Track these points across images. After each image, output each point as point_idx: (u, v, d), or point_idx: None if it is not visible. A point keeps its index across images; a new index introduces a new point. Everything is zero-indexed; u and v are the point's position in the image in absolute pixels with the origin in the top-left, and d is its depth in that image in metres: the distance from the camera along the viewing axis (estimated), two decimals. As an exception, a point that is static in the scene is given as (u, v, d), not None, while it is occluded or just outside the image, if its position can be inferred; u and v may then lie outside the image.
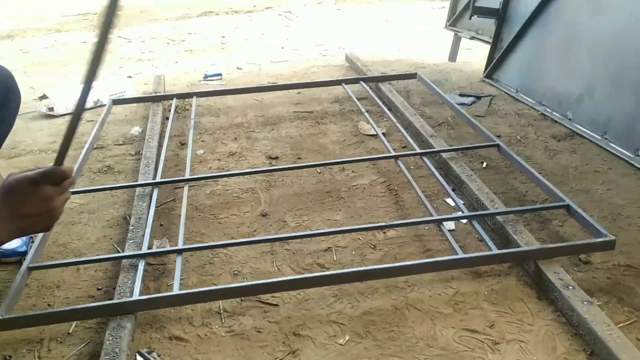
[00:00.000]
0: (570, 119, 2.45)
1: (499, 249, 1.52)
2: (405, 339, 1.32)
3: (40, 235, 1.59)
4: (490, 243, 1.53)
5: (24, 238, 1.66)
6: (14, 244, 1.65)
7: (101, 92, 2.94)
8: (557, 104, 2.56)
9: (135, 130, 2.58)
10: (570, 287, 1.36)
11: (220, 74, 3.41)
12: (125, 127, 2.64)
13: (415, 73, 2.94)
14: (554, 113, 2.56)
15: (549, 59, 2.68)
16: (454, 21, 3.61)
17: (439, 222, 1.67)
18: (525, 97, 2.78)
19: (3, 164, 2.28)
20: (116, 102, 2.72)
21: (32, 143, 2.50)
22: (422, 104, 2.81)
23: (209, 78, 3.38)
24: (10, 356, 1.30)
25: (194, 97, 2.74)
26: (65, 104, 2.84)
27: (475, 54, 3.64)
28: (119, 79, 3.43)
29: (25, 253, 1.62)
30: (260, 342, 1.32)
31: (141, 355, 1.28)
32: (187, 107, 2.84)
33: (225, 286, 1.43)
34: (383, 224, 1.66)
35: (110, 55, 3.83)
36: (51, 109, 2.80)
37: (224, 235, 1.74)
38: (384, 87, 2.87)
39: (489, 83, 3.07)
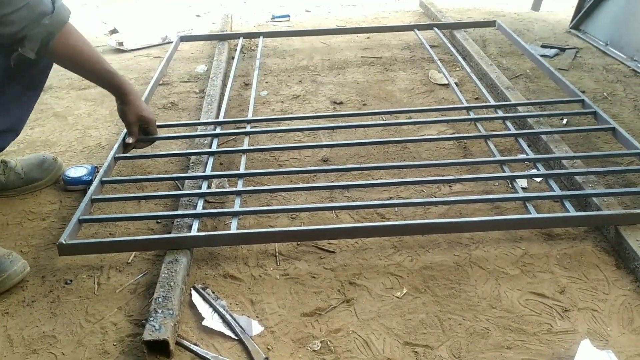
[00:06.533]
0: (665, 77, 2.23)
1: (576, 211, 1.40)
2: (467, 297, 1.25)
3: (104, 167, 1.60)
4: (567, 204, 1.41)
5: (88, 167, 1.69)
6: (80, 172, 1.68)
7: (169, 29, 2.93)
8: (652, 59, 2.33)
9: (201, 68, 2.56)
10: (655, 258, 1.24)
11: (288, 15, 3.32)
12: (191, 64, 2.62)
13: (494, 21, 2.74)
14: (647, 69, 2.34)
15: (647, 9, 2.42)
16: (540, -34, 3.33)
17: (511, 179, 1.56)
18: (615, 51, 2.55)
19: (74, 95, 2.33)
20: (184, 38, 2.70)
21: (101, 77, 2.52)
22: (499, 54, 2.63)
23: (276, 19, 3.29)
24: (71, 280, 1.33)
25: (261, 37, 2.67)
26: (135, 39, 2.85)
27: (561, 3, 3.36)
28: (187, 17, 3.40)
29: (90, 182, 1.65)
30: (315, 288, 1.29)
31: (196, 290, 1.28)
32: (252, 48, 2.79)
33: (282, 229, 1.40)
34: (450, 177, 1.57)
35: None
36: (121, 44, 2.82)
37: (283, 178, 1.70)
38: (459, 34, 2.70)
39: (575, 34, 2.83)
